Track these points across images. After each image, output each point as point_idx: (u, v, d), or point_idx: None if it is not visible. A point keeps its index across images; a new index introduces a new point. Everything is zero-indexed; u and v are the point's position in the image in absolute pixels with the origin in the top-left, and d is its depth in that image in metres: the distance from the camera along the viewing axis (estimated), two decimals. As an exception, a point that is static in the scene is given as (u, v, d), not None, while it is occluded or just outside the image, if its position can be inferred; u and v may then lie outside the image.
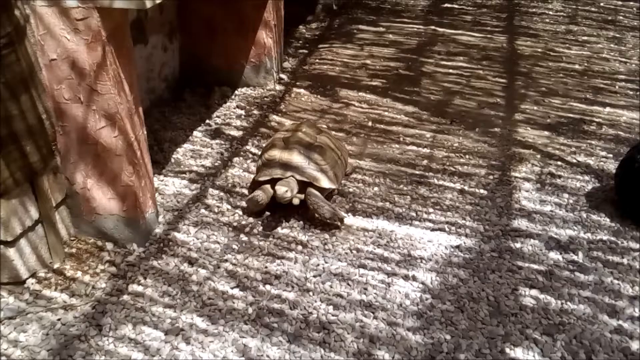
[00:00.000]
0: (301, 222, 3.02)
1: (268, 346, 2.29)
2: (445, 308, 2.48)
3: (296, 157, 3.02)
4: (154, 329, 2.36)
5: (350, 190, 3.33)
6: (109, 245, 2.78)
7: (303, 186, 2.97)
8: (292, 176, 2.95)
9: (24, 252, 2.48)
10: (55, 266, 2.64)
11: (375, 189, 3.35)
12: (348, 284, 2.61)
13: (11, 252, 2.42)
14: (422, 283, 2.62)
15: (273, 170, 3.00)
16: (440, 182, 3.41)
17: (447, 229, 2.99)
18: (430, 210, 3.15)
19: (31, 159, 2.39)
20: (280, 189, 2.83)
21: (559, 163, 3.62)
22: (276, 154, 3.06)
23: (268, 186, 2.97)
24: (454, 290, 2.58)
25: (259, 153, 3.39)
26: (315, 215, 2.97)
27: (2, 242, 2.38)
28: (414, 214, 3.11)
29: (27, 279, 2.54)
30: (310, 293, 2.56)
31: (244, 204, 3.14)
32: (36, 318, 2.37)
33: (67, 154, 2.60)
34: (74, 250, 2.75)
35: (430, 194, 3.30)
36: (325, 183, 3.00)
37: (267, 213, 3.07)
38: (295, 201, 2.93)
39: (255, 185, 3.14)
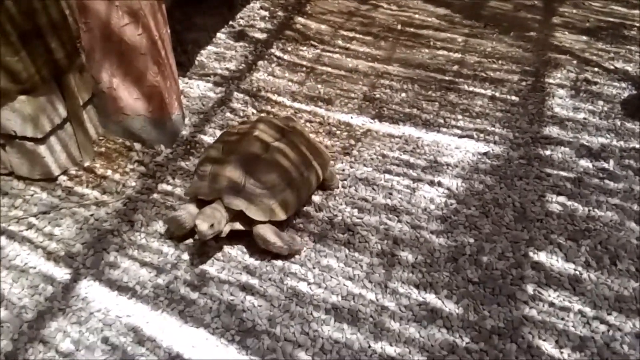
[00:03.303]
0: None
1: (294, 245, 2.34)
2: (469, 213, 2.48)
3: (228, 176, 2.26)
4: (184, 226, 2.41)
5: (377, 96, 3.26)
6: (137, 146, 2.81)
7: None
8: (220, 199, 2.24)
9: (55, 150, 2.52)
10: (86, 164, 2.68)
11: (403, 94, 3.27)
12: (373, 189, 2.62)
13: (42, 149, 2.46)
14: (448, 189, 2.61)
15: (202, 186, 2.30)
16: (471, 89, 3.32)
17: (475, 136, 2.94)
18: (459, 116, 3.08)
19: (56, 56, 2.37)
20: (202, 224, 2.11)
21: (596, 69, 3.47)
22: (208, 166, 2.33)
23: (193, 206, 2.28)
24: (479, 196, 2.57)
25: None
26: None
27: (32, 139, 2.41)
28: (441, 121, 3.05)
29: (58, 175, 2.60)
30: (336, 197, 2.58)
31: (269, 107, 3.08)
32: (69, 213, 2.45)
33: (91, 52, 2.56)
34: (103, 149, 2.79)
35: (460, 100, 3.22)
36: (259, 215, 2.24)
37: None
38: (225, 229, 2.23)
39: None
